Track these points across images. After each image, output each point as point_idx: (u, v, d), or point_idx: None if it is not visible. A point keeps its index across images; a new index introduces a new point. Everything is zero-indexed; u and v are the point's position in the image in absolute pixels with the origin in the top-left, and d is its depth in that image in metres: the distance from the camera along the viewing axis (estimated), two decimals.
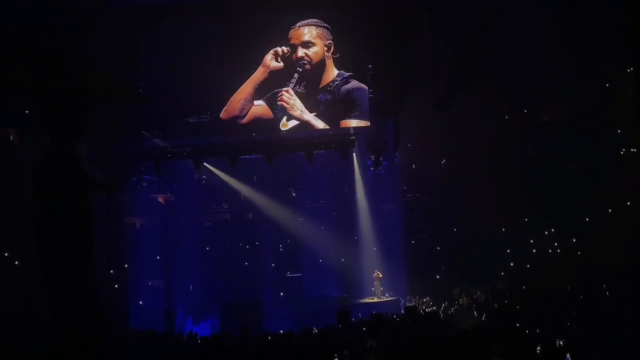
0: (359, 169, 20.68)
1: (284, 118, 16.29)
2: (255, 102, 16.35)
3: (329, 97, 16.28)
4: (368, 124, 16.33)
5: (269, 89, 16.38)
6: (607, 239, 16.08)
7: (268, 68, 16.33)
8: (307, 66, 16.19)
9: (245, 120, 16.40)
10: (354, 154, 19.56)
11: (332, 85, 16.28)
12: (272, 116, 16.32)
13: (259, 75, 16.39)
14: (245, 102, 16.34)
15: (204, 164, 18.73)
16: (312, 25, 16.28)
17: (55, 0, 12.49)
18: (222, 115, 16.40)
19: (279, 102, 16.27)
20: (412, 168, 22.51)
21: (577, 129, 18.23)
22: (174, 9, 15.58)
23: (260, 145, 16.98)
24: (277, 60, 16.30)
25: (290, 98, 16.25)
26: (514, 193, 18.80)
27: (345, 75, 16.21)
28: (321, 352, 8.52)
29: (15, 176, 12.29)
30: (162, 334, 13.25)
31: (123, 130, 16.29)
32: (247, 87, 16.39)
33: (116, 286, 16.87)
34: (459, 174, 20.20)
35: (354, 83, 16.20)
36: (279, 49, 16.27)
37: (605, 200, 16.81)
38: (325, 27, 16.26)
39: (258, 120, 16.40)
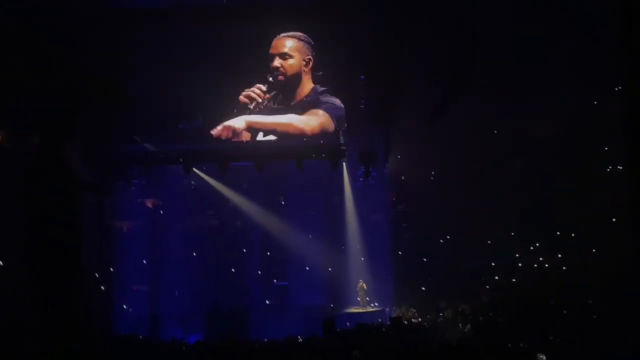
0: (349, 179, 20.72)
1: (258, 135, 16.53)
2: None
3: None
4: (332, 127, 16.41)
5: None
6: (593, 254, 16.21)
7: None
8: (281, 77, 16.30)
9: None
10: (344, 164, 19.62)
11: (306, 100, 16.41)
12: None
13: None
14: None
15: (194, 169, 18.69)
16: (293, 37, 16.42)
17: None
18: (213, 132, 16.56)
19: (243, 95, 16.39)
20: (402, 179, 22.55)
21: (565, 145, 18.38)
22: (168, 12, 15.63)
23: (250, 153, 16.98)
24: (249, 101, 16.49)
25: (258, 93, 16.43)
26: (501, 206, 18.91)
27: (319, 90, 16.34)
28: None
29: (5, 177, 12.20)
30: (145, 339, 13.13)
31: (114, 133, 16.25)
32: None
33: (102, 288, 16.78)
34: (448, 186, 20.27)
35: (326, 95, 16.52)
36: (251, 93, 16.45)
37: (591, 216, 16.93)
38: (307, 42, 16.39)
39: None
